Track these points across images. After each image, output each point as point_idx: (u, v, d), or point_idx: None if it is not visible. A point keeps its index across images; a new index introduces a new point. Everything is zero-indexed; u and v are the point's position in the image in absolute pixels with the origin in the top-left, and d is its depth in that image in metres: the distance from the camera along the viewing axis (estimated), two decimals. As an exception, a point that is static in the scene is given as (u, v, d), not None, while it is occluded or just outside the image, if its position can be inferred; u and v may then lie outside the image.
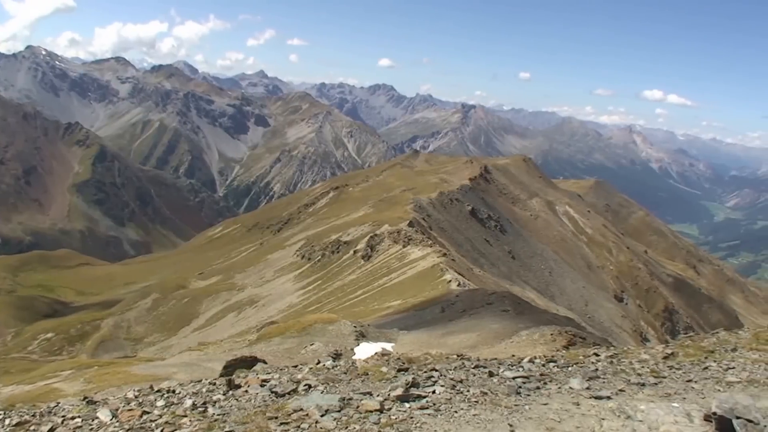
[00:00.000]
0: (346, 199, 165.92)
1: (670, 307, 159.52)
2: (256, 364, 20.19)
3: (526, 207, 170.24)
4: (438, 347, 36.07)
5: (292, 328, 46.36)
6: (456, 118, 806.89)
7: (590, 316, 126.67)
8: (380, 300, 75.35)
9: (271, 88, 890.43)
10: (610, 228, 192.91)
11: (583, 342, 37.43)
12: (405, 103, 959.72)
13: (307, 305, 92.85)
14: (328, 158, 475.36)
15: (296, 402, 11.46)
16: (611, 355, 17.03)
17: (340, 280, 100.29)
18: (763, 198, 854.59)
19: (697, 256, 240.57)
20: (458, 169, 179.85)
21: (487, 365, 15.15)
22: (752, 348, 17.35)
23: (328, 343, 39.50)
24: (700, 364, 15.42)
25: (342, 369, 15.38)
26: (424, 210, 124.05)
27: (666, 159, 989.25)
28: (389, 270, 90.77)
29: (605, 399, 11.56)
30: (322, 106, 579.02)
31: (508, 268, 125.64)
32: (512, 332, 40.68)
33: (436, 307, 58.98)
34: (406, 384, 11.99)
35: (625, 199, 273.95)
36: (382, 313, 64.08)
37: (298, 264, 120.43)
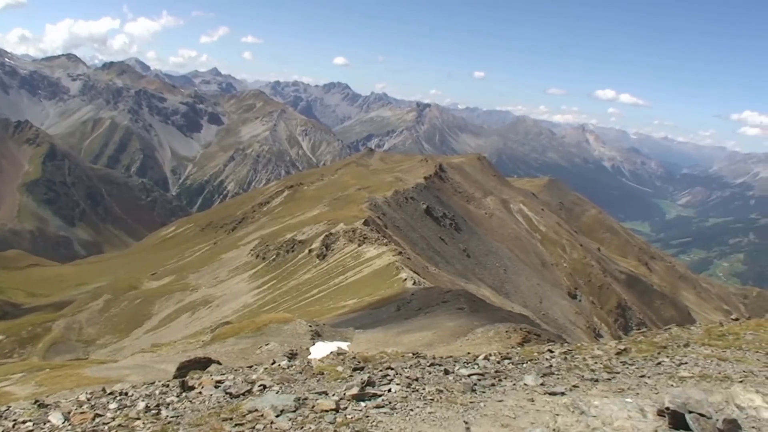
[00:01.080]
0: (301, 197, 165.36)
1: (622, 303, 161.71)
2: (210, 365, 20.01)
3: (480, 205, 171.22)
4: (394, 346, 36.13)
5: (247, 329, 46.07)
6: (411, 116, 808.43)
7: (545, 313, 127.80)
8: (336, 299, 75.23)
9: (225, 85, 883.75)
10: (563, 226, 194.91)
11: (537, 339, 37.73)
12: (360, 101, 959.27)
13: (262, 305, 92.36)
14: (283, 157, 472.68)
15: (251, 403, 11.38)
16: (565, 351, 17.18)
17: (295, 280, 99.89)
18: (714, 196, 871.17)
19: (649, 253, 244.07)
20: (413, 168, 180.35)
21: (442, 363, 15.19)
22: (704, 343, 17.60)
23: (284, 343, 39.28)
24: (653, 359, 15.60)
25: (297, 369, 15.30)
26: (379, 208, 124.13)
27: (618, 157, 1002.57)
28: (345, 269, 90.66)
29: (559, 395, 11.66)
30: (276, 104, 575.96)
31: (463, 266, 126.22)
32: (468, 330, 40.81)
33: (391, 305, 59.01)
34: (362, 383, 11.96)
35: (578, 197, 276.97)
36: (338, 312, 64.00)
37: (253, 263, 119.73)
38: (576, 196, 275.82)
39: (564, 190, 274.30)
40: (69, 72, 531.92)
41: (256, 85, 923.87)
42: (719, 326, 21.01)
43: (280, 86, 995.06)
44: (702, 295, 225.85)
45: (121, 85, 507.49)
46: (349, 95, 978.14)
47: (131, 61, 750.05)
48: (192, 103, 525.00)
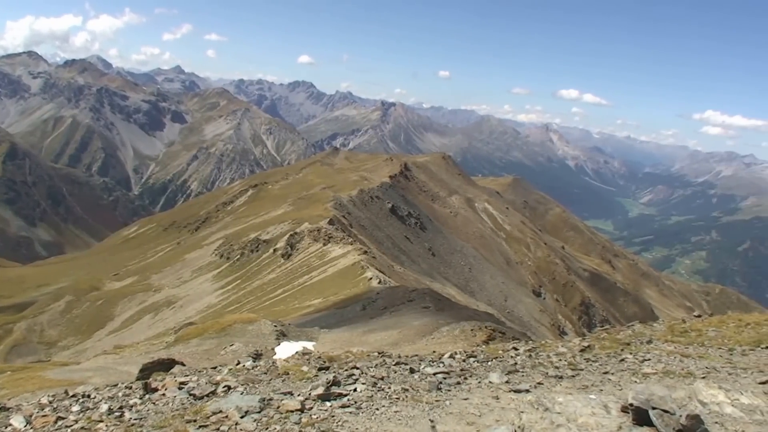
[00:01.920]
0: (265, 197, 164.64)
1: (586, 300, 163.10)
2: (173, 366, 19.85)
3: (445, 204, 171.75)
4: (359, 345, 36.12)
5: (211, 329, 45.74)
6: (376, 115, 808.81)
7: (509, 311, 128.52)
8: (301, 299, 75.07)
9: (188, 83, 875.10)
10: (528, 224, 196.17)
11: (502, 336, 37.93)
12: (325, 100, 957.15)
13: (227, 305, 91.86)
14: (247, 156, 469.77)
15: (215, 404, 11.28)
16: (530, 348, 17.28)
17: (259, 280, 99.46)
18: (676, 194, 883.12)
19: (612, 251, 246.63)
20: (378, 167, 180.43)
21: (408, 362, 15.19)
22: (667, 340, 17.79)
23: (248, 344, 39.10)
24: (617, 356, 15.74)
25: (262, 369, 15.22)
26: (344, 208, 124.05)
27: (582, 156, 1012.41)
28: (310, 268, 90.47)
29: (524, 392, 11.70)
30: (240, 103, 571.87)
31: (428, 265, 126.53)
32: (433, 329, 40.90)
33: (357, 304, 59.01)
34: (327, 383, 11.92)
35: (542, 196, 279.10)
36: (303, 312, 63.84)
37: (217, 263, 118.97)
38: (540, 195, 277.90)
39: (528, 189, 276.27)
40: (30, 70, 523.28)
41: (220, 83, 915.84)
42: (682, 323, 21.25)
43: (244, 84, 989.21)
44: (664, 293, 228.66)
45: (82, 83, 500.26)
46: (314, 94, 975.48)
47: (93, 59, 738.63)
48: (155, 102, 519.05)
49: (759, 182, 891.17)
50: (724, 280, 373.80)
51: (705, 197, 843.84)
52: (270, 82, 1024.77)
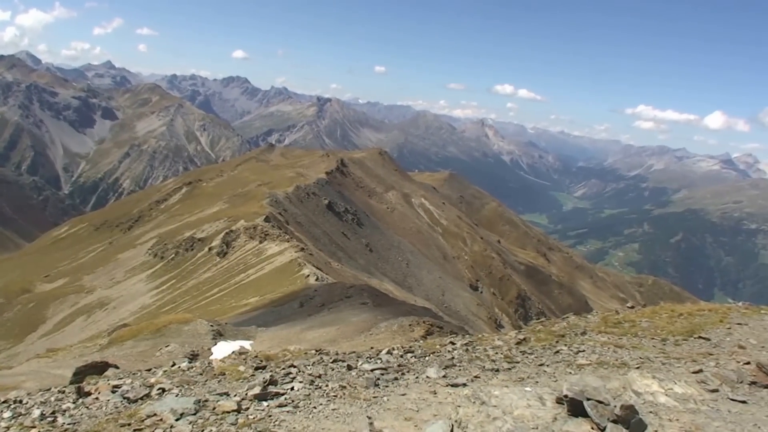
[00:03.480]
0: (200, 194, 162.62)
1: (522, 293, 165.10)
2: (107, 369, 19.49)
3: (382, 200, 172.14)
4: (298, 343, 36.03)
5: (146, 330, 45.13)
6: (312, 111, 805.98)
7: (447, 305, 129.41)
8: (237, 297, 74.49)
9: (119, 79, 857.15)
10: (464, 219, 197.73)
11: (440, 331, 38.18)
12: (260, 95, 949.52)
13: (161, 306, 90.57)
14: (180, 152, 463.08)
15: (149, 407, 11.10)
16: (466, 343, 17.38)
17: (195, 279, 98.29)
18: (609, 188, 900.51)
19: (547, 245, 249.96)
20: (314, 163, 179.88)
21: (345, 359, 15.18)
22: (601, 331, 18.05)
23: (184, 344, 38.63)
24: (552, 348, 15.92)
25: (198, 370, 15.05)
26: (280, 204, 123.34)
27: (517, 151, 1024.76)
28: (246, 266, 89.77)
29: (461, 386, 11.77)
30: (173, 99, 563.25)
31: (366, 261, 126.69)
32: (371, 324, 41.02)
33: (294, 302, 58.85)
34: (264, 382, 11.84)
35: (478, 190, 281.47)
36: (240, 311, 63.41)
37: (151, 263, 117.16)
38: (476, 190, 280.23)
39: (464, 184, 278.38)
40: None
41: (152, 78, 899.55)
42: (615, 314, 21.61)
43: (177, 80, 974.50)
44: (598, 284, 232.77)
45: (11, 79, 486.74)
46: (248, 89, 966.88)
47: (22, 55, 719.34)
48: (85, 98, 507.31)
49: (691, 175, 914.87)
50: (656, 272, 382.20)
51: (637, 190, 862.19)
52: (203, 77, 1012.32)
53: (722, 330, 18.00)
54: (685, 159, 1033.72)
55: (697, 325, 18.52)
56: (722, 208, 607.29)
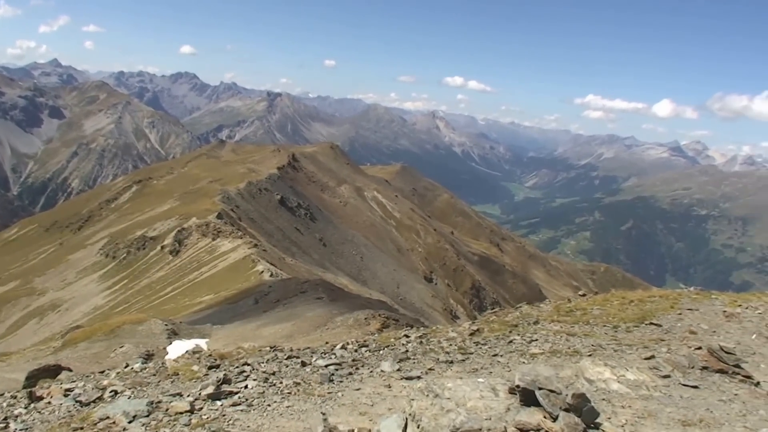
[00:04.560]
0: (150, 192, 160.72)
1: (477, 284, 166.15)
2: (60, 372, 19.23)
3: (335, 194, 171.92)
4: (253, 339, 35.86)
5: (99, 331, 44.60)
6: (262, 106, 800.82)
7: (402, 297, 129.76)
8: (191, 295, 73.96)
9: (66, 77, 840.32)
10: (417, 211, 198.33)
11: (396, 324, 38.32)
12: (209, 91, 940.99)
13: (114, 306, 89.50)
14: (129, 150, 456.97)
15: (102, 410, 10.96)
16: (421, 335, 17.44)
17: (148, 278, 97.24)
18: (560, 177, 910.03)
19: (500, 235, 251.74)
20: (266, 158, 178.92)
21: (300, 355, 15.14)
22: (553, 320, 18.21)
23: (139, 345, 38.30)
24: (505, 338, 16.03)
25: (151, 371, 14.92)
26: (232, 201, 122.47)
27: (468, 143, 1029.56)
28: (199, 264, 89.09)
29: (415, 379, 11.82)
30: (121, 96, 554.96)
31: (320, 256, 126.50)
32: (327, 319, 41.04)
33: (249, 298, 58.66)
34: (218, 381, 11.74)
35: (430, 182, 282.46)
36: (195, 309, 63.01)
37: (102, 263, 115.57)
38: (428, 182, 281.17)
39: (416, 176, 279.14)
40: None
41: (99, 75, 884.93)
42: (567, 302, 21.80)
43: (124, 77, 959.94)
44: (552, 273, 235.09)
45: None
46: (197, 85, 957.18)
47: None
48: (31, 97, 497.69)
49: (640, 163, 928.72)
50: (608, 259, 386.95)
51: (588, 179, 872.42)
52: (151, 73, 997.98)
53: (673, 316, 18.26)
54: (635, 147, 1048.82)
55: (648, 312, 18.76)
56: (672, 195, 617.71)
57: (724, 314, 18.54)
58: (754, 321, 17.98)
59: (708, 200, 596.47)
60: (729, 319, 18.08)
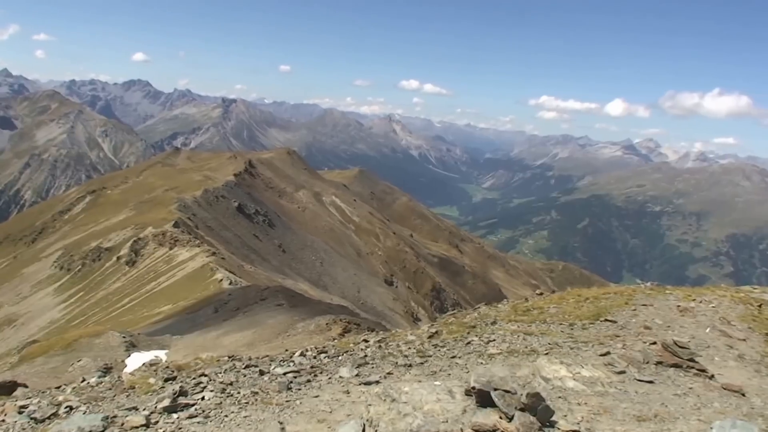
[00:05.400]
0: (105, 202, 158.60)
1: (437, 286, 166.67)
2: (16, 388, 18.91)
3: (293, 200, 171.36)
4: (214, 349, 35.63)
5: (57, 346, 43.98)
6: (217, 113, 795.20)
7: (363, 302, 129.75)
8: (150, 306, 73.14)
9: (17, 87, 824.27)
10: (376, 215, 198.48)
11: (357, 328, 38.36)
12: (163, 98, 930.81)
13: (71, 319, 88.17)
14: (83, 160, 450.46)
15: (57, 427, 10.81)
16: (379, 339, 17.47)
17: (104, 290, 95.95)
18: (516, 178, 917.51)
19: (459, 236, 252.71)
20: (222, 165, 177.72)
21: (258, 364, 15.06)
22: (511, 320, 18.36)
23: (97, 358, 37.79)
24: (463, 339, 16.11)
25: (107, 385, 14.76)
26: (189, 209, 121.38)
27: (425, 146, 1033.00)
28: (157, 274, 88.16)
29: (373, 384, 11.81)
30: (73, 105, 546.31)
31: (279, 262, 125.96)
32: (288, 326, 40.95)
33: (209, 307, 58.21)
34: (174, 393, 11.62)
35: (388, 186, 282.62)
36: (153, 320, 62.38)
37: (57, 276, 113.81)
38: (386, 185, 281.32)
39: (374, 180, 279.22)
40: None
41: (51, 85, 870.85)
42: (524, 302, 22.00)
43: (76, 85, 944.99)
44: (511, 273, 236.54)
45: None
46: (150, 93, 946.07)
47: None
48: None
49: (594, 162, 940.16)
50: (566, 257, 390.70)
51: (544, 179, 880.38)
52: (103, 81, 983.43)
53: (628, 312, 18.50)
54: (588, 146, 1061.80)
55: (604, 309, 18.99)
56: (626, 192, 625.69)
57: (678, 309, 18.83)
58: (708, 315, 18.30)
59: (662, 197, 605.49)
60: (683, 314, 18.38)
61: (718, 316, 18.14)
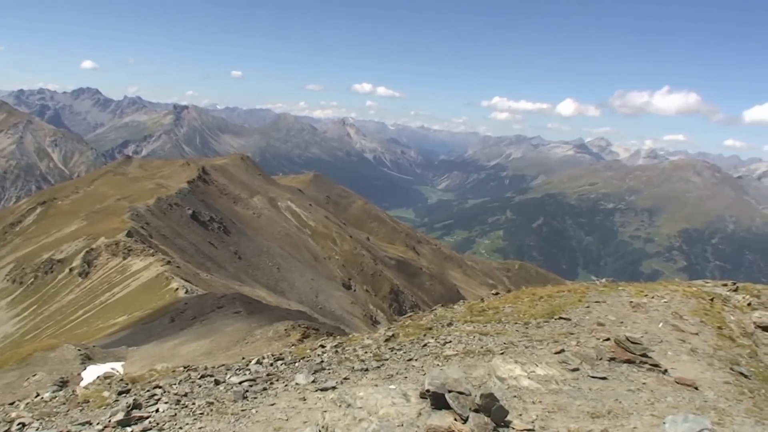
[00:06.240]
0: (56, 213, 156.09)
1: (395, 288, 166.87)
2: (-33, 406, 18.50)
3: (248, 206, 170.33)
4: (171, 359, 35.35)
5: (11, 361, 43.27)
6: (168, 119, 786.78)
7: (322, 306, 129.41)
8: (104, 318, 72.22)
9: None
10: (332, 219, 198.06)
11: (316, 333, 38.27)
12: (113, 106, 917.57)
13: (25, 333, 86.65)
14: (32, 171, 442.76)
15: (8, 444, 10.61)
16: (336, 344, 17.42)
17: (58, 302, 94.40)
18: (471, 179, 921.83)
19: (415, 238, 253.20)
20: (175, 173, 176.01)
21: (213, 373, 14.95)
22: (467, 320, 18.42)
23: (53, 372, 37.23)
24: (420, 342, 16.13)
25: (61, 400, 14.53)
26: (142, 218, 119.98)
27: (379, 149, 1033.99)
28: (111, 285, 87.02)
29: (330, 390, 11.79)
30: (21, 115, 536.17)
31: (235, 269, 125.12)
32: (246, 333, 40.75)
33: (165, 317, 57.68)
34: (128, 407, 11.50)
35: (344, 189, 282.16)
36: (109, 332, 61.65)
37: (9, 290, 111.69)
38: (342, 189, 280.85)
39: (329, 184, 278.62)
40: None
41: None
42: (480, 302, 22.09)
43: (24, 95, 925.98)
44: (468, 273, 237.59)
45: None
46: (100, 101, 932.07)
47: None
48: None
49: (547, 161, 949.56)
50: (522, 256, 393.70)
51: (498, 179, 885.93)
52: (52, 90, 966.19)
53: (582, 309, 18.66)
54: (541, 146, 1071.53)
55: (558, 306, 19.15)
56: (579, 190, 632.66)
57: (631, 305, 19.07)
58: (660, 310, 18.55)
59: (614, 194, 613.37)
60: (635, 310, 18.61)
61: (671, 311, 18.40)
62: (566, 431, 9.63)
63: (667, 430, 9.32)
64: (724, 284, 22.72)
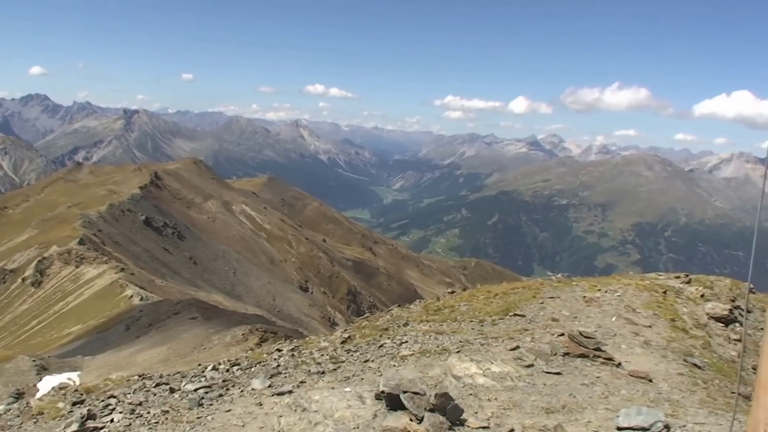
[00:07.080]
0: (6, 222, 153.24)
1: (353, 289, 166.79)
2: None
3: (202, 210, 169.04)
4: (128, 367, 35.04)
5: (-35, 373, 42.34)
6: (119, 124, 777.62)
7: (279, 309, 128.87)
8: (59, 327, 71.27)
9: None
10: (287, 221, 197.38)
11: (275, 337, 38.19)
12: (62, 112, 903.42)
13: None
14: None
15: (-41, 460, 10.44)
16: (293, 348, 17.39)
17: (11, 313, 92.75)
18: (425, 178, 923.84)
19: (372, 239, 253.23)
20: (127, 178, 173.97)
21: (169, 381, 14.83)
22: (422, 320, 18.50)
23: (8, 383, 36.71)
24: (376, 342, 16.16)
25: (15, 412, 14.30)
26: (94, 225, 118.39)
27: (333, 150, 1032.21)
28: (64, 294, 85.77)
29: (286, 394, 11.77)
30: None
31: (191, 274, 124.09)
32: (204, 339, 40.52)
33: (120, 325, 57.12)
34: (82, 418, 11.37)
35: (298, 191, 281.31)
36: (64, 341, 60.88)
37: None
38: (296, 191, 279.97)
39: (284, 187, 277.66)
40: None
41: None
42: (436, 301, 22.21)
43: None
44: (425, 272, 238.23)
45: None
46: (49, 107, 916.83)
47: None
48: None
49: (500, 159, 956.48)
50: (478, 254, 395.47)
51: (452, 178, 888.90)
52: (0, 97, 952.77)
53: (536, 305, 18.88)
54: (495, 144, 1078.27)
55: (512, 303, 19.34)
56: (533, 187, 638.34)
57: (584, 300, 19.33)
58: (613, 304, 18.84)
59: (567, 190, 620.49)
60: (589, 304, 18.88)
61: (624, 305, 18.70)
62: (521, 427, 9.73)
63: (620, 423, 9.49)
64: (677, 276, 23.08)
